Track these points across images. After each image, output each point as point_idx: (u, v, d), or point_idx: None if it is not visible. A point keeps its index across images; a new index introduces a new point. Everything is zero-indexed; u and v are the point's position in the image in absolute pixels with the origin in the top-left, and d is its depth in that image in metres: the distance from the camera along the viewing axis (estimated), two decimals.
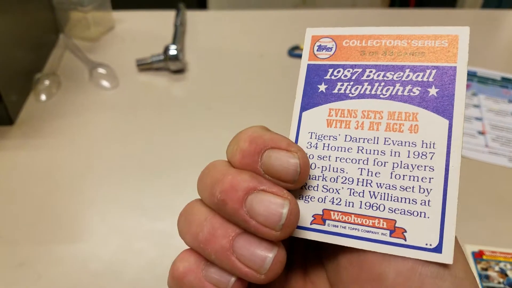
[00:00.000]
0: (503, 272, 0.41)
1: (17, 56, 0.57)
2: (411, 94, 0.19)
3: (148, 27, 0.74)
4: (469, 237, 0.44)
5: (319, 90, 0.21)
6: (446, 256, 0.17)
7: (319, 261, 0.21)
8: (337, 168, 0.19)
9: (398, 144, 0.19)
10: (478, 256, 0.42)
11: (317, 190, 0.19)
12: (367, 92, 0.20)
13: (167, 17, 0.74)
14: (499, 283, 0.40)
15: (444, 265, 0.17)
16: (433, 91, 0.19)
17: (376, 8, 0.84)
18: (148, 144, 0.53)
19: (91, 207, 0.46)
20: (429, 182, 0.18)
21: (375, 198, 0.18)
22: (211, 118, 0.57)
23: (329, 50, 0.21)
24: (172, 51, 0.61)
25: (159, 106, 0.59)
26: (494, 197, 0.48)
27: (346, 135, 0.19)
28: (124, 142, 0.53)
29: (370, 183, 0.19)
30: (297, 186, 0.19)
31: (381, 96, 0.19)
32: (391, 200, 0.18)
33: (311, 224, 0.19)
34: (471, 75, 0.66)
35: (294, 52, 0.69)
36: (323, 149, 0.20)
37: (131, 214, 0.45)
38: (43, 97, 0.58)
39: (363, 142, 0.19)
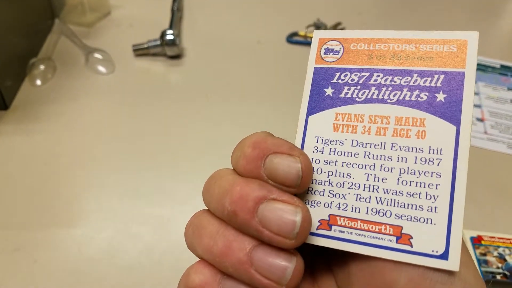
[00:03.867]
0: (501, 257, 0.41)
1: (12, 41, 0.56)
2: (419, 99, 0.19)
3: (145, 13, 0.73)
4: (468, 222, 0.43)
5: (326, 94, 0.20)
6: (453, 263, 0.17)
7: (327, 266, 0.21)
8: (343, 173, 0.19)
9: (405, 149, 0.18)
10: (476, 241, 0.42)
11: (323, 195, 0.19)
12: (374, 96, 0.19)
13: (164, 2, 0.73)
14: (498, 268, 0.40)
15: (454, 272, 0.17)
16: (441, 96, 0.18)
17: None
18: (144, 129, 0.53)
19: (87, 192, 0.45)
20: (436, 188, 0.18)
21: (382, 204, 0.18)
22: (208, 104, 0.56)
23: (337, 53, 0.21)
24: (169, 36, 0.61)
25: (155, 91, 0.58)
26: (493, 183, 0.48)
27: (352, 140, 0.19)
28: (120, 127, 0.53)
29: (376, 189, 0.18)
30: (300, 190, 0.18)
31: (389, 101, 0.19)
32: (397, 206, 0.18)
33: (317, 229, 0.19)
34: None
35: (293, 38, 0.68)
36: (330, 154, 0.19)
37: (128, 199, 0.45)
38: (38, 82, 0.58)
39: (370, 147, 0.19)
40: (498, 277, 0.39)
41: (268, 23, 0.73)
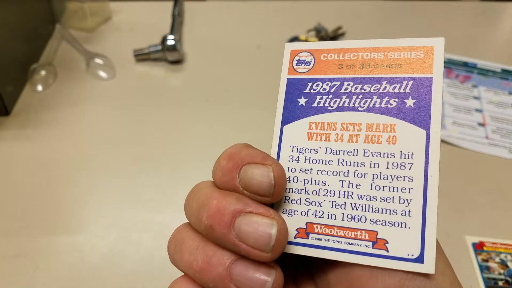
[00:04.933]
0: (503, 263, 0.40)
1: (13, 46, 0.56)
2: (389, 105, 0.19)
3: (146, 18, 0.73)
4: (470, 228, 0.43)
5: (299, 104, 0.21)
6: (428, 266, 0.17)
7: (309, 276, 0.21)
8: (318, 181, 0.19)
9: (377, 155, 0.19)
10: (478, 247, 0.42)
11: (300, 204, 0.19)
12: (346, 104, 0.20)
13: (164, 7, 0.73)
14: (500, 274, 0.40)
15: (430, 278, 0.17)
16: (410, 102, 0.19)
17: (376, 0, 0.83)
18: (145, 135, 0.53)
19: (89, 199, 0.45)
20: (409, 192, 0.18)
21: (357, 209, 0.18)
22: (209, 109, 0.56)
23: (308, 64, 0.21)
24: (170, 41, 0.61)
25: (156, 96, 0.58)
26: (495, 189, 0.48)
27: (326, 148, 0.20)
28: (121, 132, 0.53)
29: (351, 195, 0.19)
30: (274, 199, 0.18)
31: (359, 108, 0.20)
32: (372, 212, 0.18)
33: (295, 238, 0.19)
34: (472, 67, 0.66)
35: (294, 43, 0.68)
36: (305, 162, 0.20)
37: (129, 206, 0.45)
38: (39, 87, 0.58)
39: (343, 154, 0.19)
40: (500, 283, 0.39)
41: (269, 28, 0.73)
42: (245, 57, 0.66)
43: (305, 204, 0.19)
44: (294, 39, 0.69)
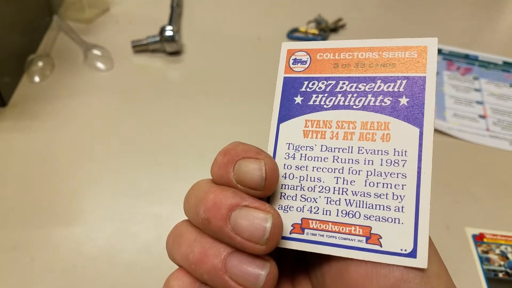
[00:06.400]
0: (503, 255, 0.40)
1: (10, 37, 0.56)
2: (383, 104, 0.20)
3: (144, 9, 0.72)
4: (470, 220, 0.43)
5: (295, 102, 0.21)
6: (421, 261, 0.17)
7: (306, 276, 0.21)
8: (314, 177, 0.20)
9: (371, 152, 0.19)
10: (478, 239, 0.41)
11: (295, 200, 0.20)
12: (341, 103, 0.20)
13: None
14: (500, 265, 0.40)
15: (424, 282, 0.17)
16: (403, 100, 0.19)
17: None
18: (143, 127, 0.52)
19: (86, 191, 0.45)
20: (402, 189, 0.18)
21: (351, 205, 0.19)
22: (208, 101, 0.56)
23: (304, 63, 0.22)
24: (168, 32, 0.60)
25: (154, 88, 0.58)
26: (495, 180, 0.47)
27: (322, 145, 0.20)
28: (119, 124, 0.52)
29: (345, 191, 0.19)
30: (266, 192, 0.19)
31: (354, 107, 0.20)
32: (366, 207, 0.19)
33: (290, 233, 0.19)
34: (473, 59, 0.65)
35: (294, 34, 0.68)
36: (301, 159, 0.20)
37: (126, 197, 0.44)
38: (36, 79, 0.57)
39: (338, 151, 0.20)
40: (500, 275, 0.39)
41: (269, 19, 0.72)
42: (244, 48, 0.65)
43: (300, 200, 0.20)
44: (294, 30, 0.68)
